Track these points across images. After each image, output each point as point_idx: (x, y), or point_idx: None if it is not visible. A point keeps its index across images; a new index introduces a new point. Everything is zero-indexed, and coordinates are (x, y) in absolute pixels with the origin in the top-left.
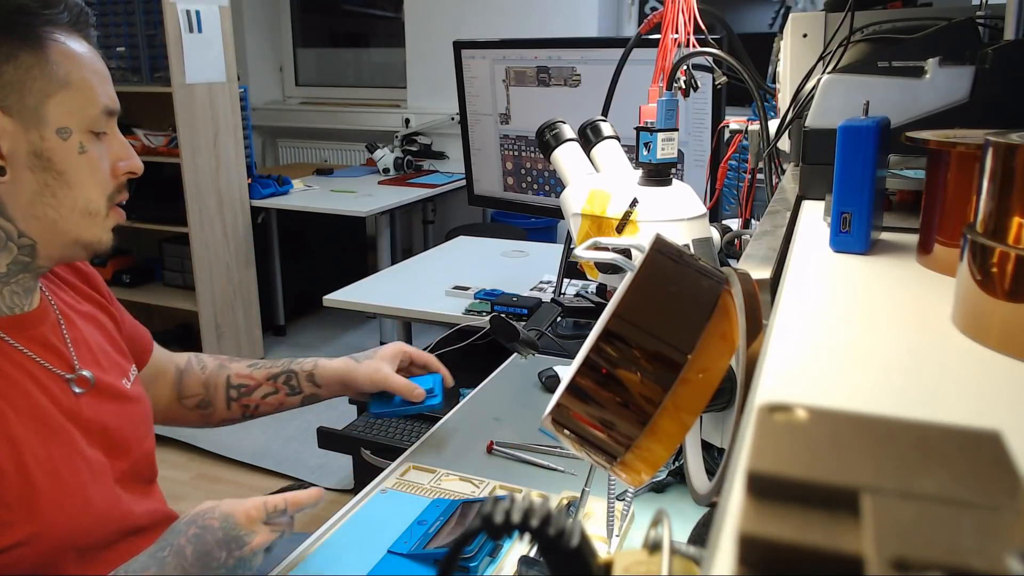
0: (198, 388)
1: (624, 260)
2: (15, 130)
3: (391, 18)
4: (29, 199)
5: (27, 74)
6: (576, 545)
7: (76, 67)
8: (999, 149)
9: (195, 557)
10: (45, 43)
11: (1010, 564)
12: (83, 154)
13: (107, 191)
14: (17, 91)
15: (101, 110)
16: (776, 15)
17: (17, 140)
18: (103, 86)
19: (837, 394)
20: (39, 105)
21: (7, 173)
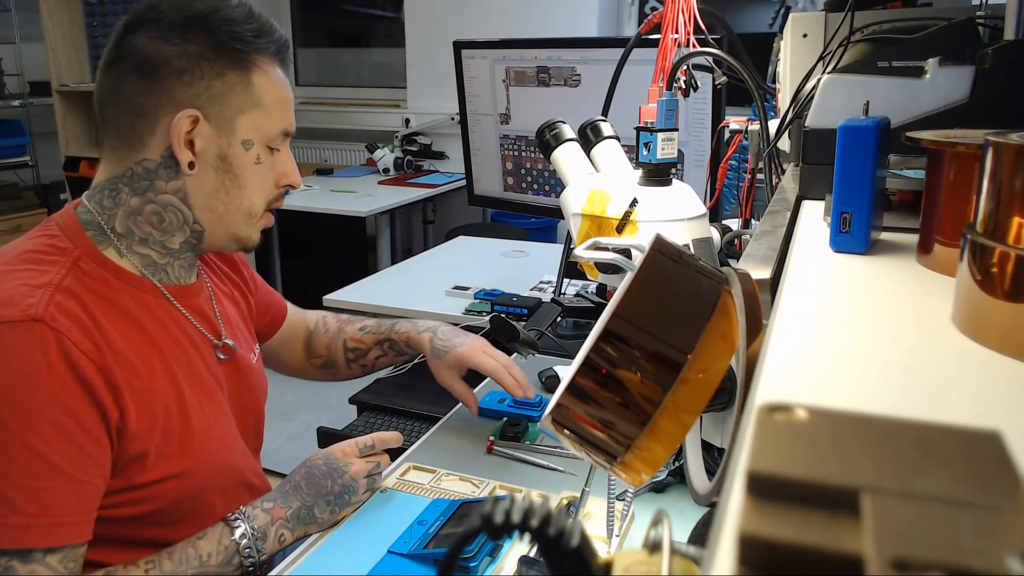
0: (323, 350)
1: (624, 260)
2: (210, 134)
3: (391, 18)
4: (207, 193)
5: (230, 91)
6: (576, 545)
7: (270, 92)
8: (999, 149)
9: (309, 488)
10: (250, 68)
11: (1010, 564)
12: (258, 164)
13: (268, 198)
14: (219, 103)
15: (280, 131)
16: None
17: (209, 143)
18: (287, 111)
19: (837, 394)
20: (233, 117)
21: (195, 168)
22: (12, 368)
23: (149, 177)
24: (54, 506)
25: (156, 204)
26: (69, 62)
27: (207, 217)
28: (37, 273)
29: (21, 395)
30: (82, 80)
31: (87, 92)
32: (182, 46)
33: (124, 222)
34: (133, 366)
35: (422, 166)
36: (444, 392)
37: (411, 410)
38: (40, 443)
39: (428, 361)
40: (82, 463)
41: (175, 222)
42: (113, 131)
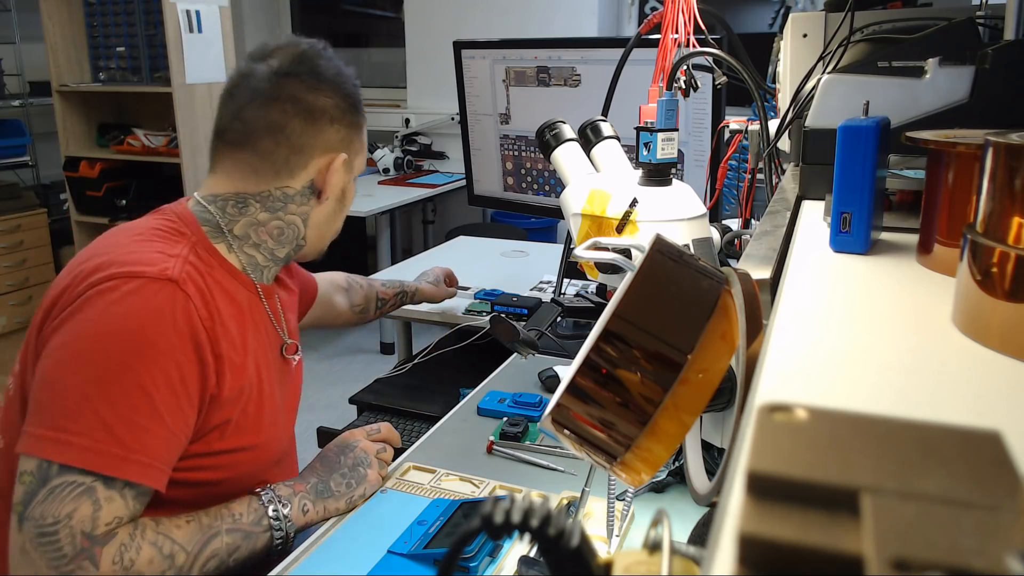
0: (360, 300)
1: (624, 260)
2: (343, 173)
3: (391, 18)
4: (324, 218)
5: (358, 138)
6: (576, 545)
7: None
8: (999, 149)
9: (323, 466)
10: (363, 121)
11: (1010, 564)
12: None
13: None
14: (352, 147)
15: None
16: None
17: (340, 179)
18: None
19: (837, 394)
20: (354, 159)
21: (323, 200)
22: (144, 315)
23: (285, 200)
24: (149, 447)
25: (282, 222)
26: (69, 62)
27: (313, 235)
28: (168, 245)
29: (147, 341)
30: (82, 80)
31: (87, 92)
32: (334, 101)
33: (245, 229)
34: (233, 341)
35: (422, 166)
36: (444, 392)
37: (411, 410)
38: (152, 387)
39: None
40: (178, 417)
41: (290, 236)
42: (259, 158)
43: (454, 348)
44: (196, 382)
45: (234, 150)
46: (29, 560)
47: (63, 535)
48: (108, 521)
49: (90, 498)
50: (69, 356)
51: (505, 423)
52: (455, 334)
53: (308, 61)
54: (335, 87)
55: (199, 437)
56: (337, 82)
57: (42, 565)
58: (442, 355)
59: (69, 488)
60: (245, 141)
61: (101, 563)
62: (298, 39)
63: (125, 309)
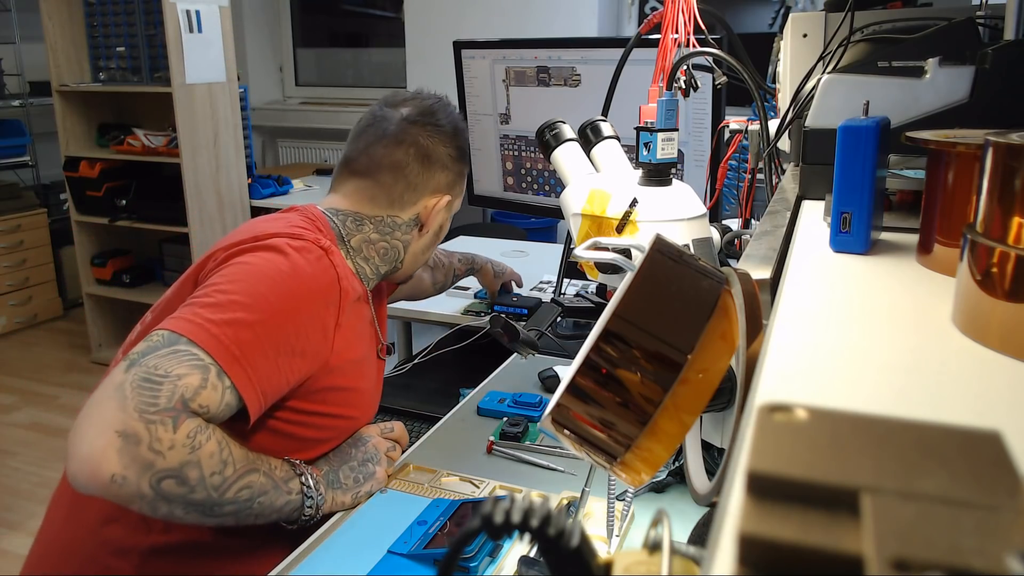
0: (442, 276)
1: (624, 260)
2: (444, 211)
3: (391, 18)
4: (421, 248)
5: (461, 183)
6: (576, 545)
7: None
8: (999, 149)
9: (335, 455)
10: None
11: (1010, 564)
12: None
13: None
14: (455, 190)
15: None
16: (776, 15)
17: (440, 217)
18: None
19: (837, 394)
20: (456, 201)
21: (424, 233)
22: (302, 267)
23: (393, 227)
24: (259, 367)
25: (388, 244)
26: (69, 62)
27: (409, 261)
28: (316, 232)
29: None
30: (82, 80)
31: (87, 92)
32: (448, 150)
33: (360, 243)
34: (351, 321)
35: None
36: (444, 392)
37: (411, 410)
38: (290, 325)
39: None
40: (293, 362)
41: (392, 258)
42: (379, 189)
43: (454, 348)
44: (320, 341)
45: (358, 178)
46: (120, 395)
47: (165, 388)
48: (203, 403)
49: (203, 374)
50: (227, 276)
51: (505, 423)
52: (455, 334)
53: (433, 114)
54: (451, 138)
55: (314, 395)
56: (454, 134)
57: (131, 404)
58: (442, 355)
59: (190, 357)
60: (368, 172)
61: (179, 429)
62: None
63: (287, 256)
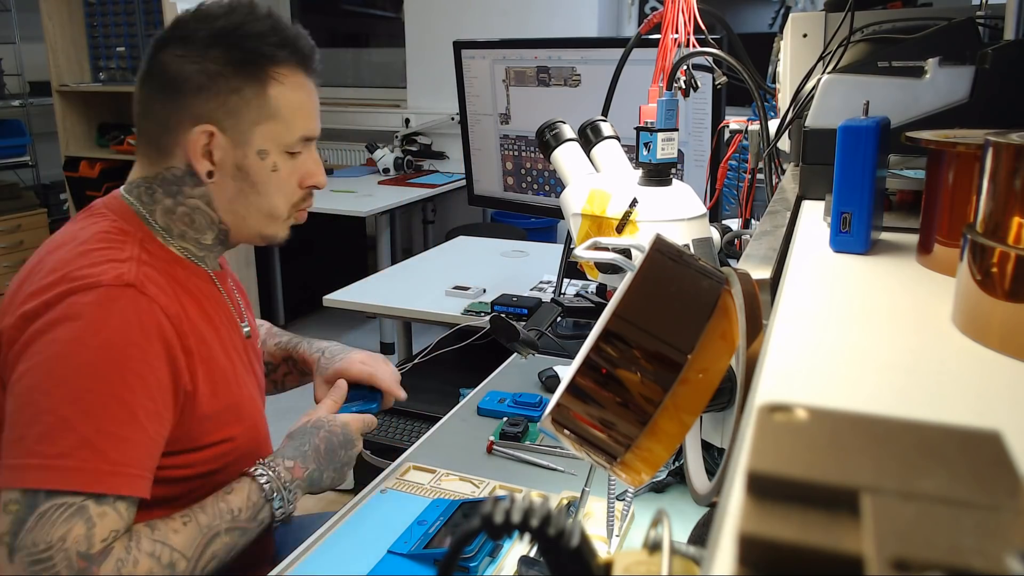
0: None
1: (624, 260)
2: (226, 146)
3: (391, 18)
4: (228, 199)
5: (246, 105)
6: (576, 545)
7: (288, 102)
8: (999, 149)
9: (326, 453)
10: (267, 81)
11: (1010, 564)
12: (274, 172)
13: (292, 200)
14: (234, 117)
15: (299, 138)
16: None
17: (226, 154)
18: (308, 118)
19: (837, 394)
20: (248, 130)
21: (215, 177)
22: (111, 324)
23: (177, 183)
24: (133, 458)
25: (186, 207)
26: (69, 62)
27: (231, 219)
28: (116, 250)
29: (116, 349)
30: (82, 80)
31: (87, 92)
32: (202, 64)
33: (163, 218)
34: (201, 334)
35: (422, 166)
36: (444, 392)
37: (411, 410)
38: (130, 396)
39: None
40: (157, 421)
41: (204, 222)
42: (145, 139)
43: (454, 348)
44: (169, 382)
45: (137, 135)
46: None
47: (58, 559)
48: (104, 537)
49: (82, 517)
50: (38, 380)
51: (505, 423)
52: (455, 334)
53: (181, 26)
54: (210, 46)
55: (185, 434)
56: (215, 41)
57: None
58: (442, 355)
59: (59, 511)
60: (137, 124)
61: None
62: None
63: (88, 322)
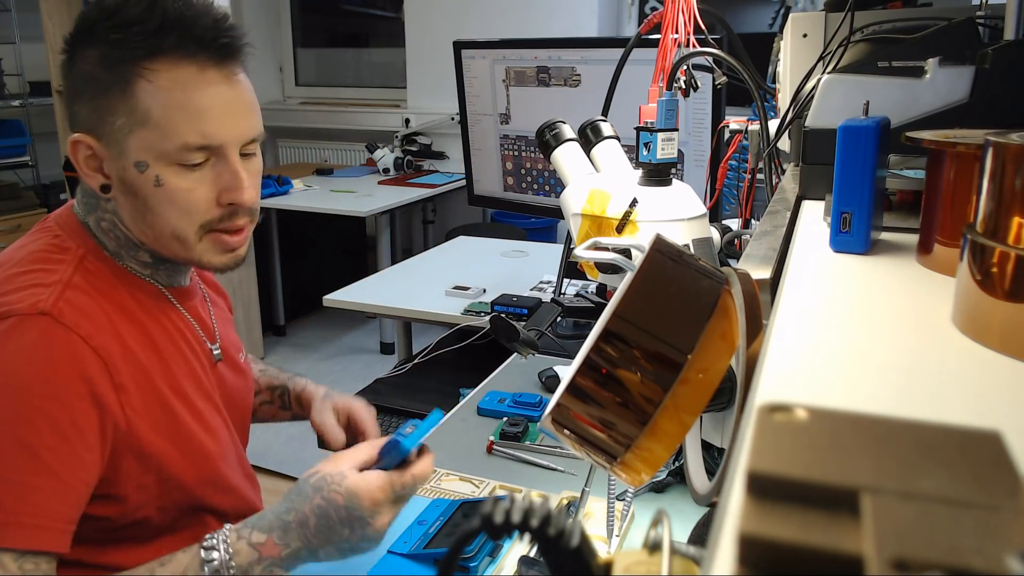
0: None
1: (624, 260)
2: (107, 156)
3: (391, 18)
4: (130, 216)
5: (111, 109)
6: (576, 545)
7: (161, 104)
8: (999, 149)
9: (317, 529)
10: (131, 79)
11: (1010, 564)
12: (159, 187)
13: (199, 220)
14: (106, 123)
15: (180, 146)
16: (776, 15)
17: (111, 166)
18: (192, 122)
19: (837, 394)
20: (121, 139)
21: (111, 191)
22: (16, 359)
23: (93, 195)
24: (36, 505)
25: (107, 222)
26: None
27: (144, 238)
28: (45, 272)
29: (20, 387)
30: None
31: None
32: (80, 65)
33: (97, 230)
34: (140, 364)
35: (422, 166)
36: (444, 392)
37: (411, 410)
38: (33, 438)
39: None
40: (73, 465)
41: (127, 241)
42: None
43: (454, 348)
44: (91, 422)
45: None
46: None
47: None
48: None
49: None
50: None
51: (505, 423)
52: (455, 334)
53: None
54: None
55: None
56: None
57: None
58: (442, 355)
59: None
60: None
61: None
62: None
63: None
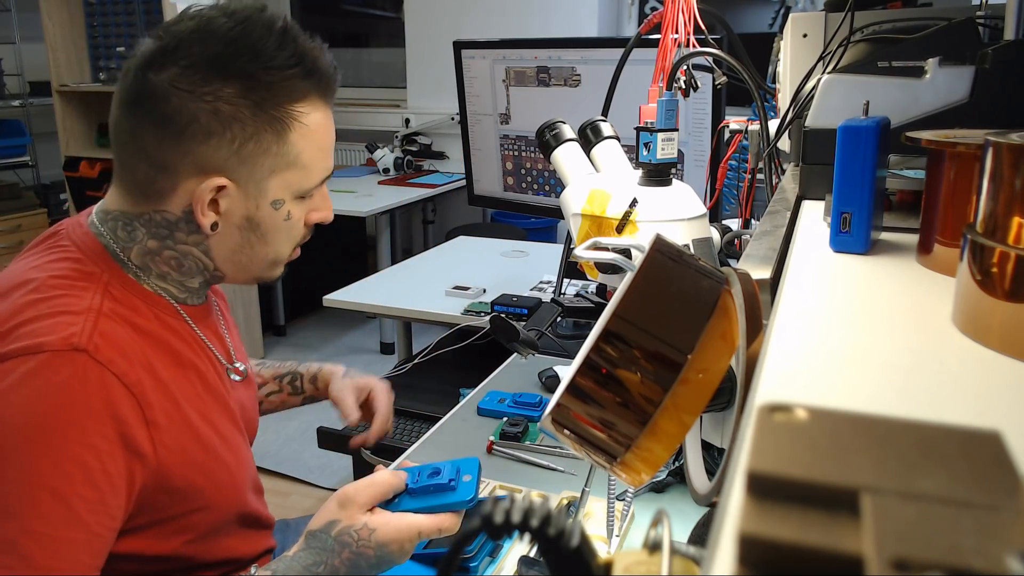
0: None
1: (624, 260)
2: (238, 197)
3: (391, 18)
4: (231, 249)
5: (263, 153)
6: (576, 545)
7: (310, 147)
8: (999, 149)
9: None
10: (289, 126)
11: (1010, 564)
12: (287, 221)
13: (296, 242)
14: (249, 165)
15: (316, 184)
16: (776, 15)
17: (236, 205)
18: (327, 158)
19: (837, 394)
20: (263, 180)
21: (219, 228)
22: (47, 402)
23: (169, 227)
24: (68, 559)
25: (176, 252)
26: (69, 62)
27: (229, 268)
28: (74, 297)
29: (53, 432)
30: (82, 80)
31: (87, 92)
32: (214, 104)
33: (142, 258)
34: (171, 394)
35: (422, 166)
36: (444, 392)
37: (411, 410)
38: (66, 487)
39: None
40: (101, 514)
41: (195, 268)
42: (130, 173)
43: (454, 348)
44: (119, 465)
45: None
46: None
47: None
48: None
49: None
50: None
51: (505, 423)
52: (455, 334)
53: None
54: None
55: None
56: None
57: None
58: (442, 355)
59: None
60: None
61: None
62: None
63: (24, 396)
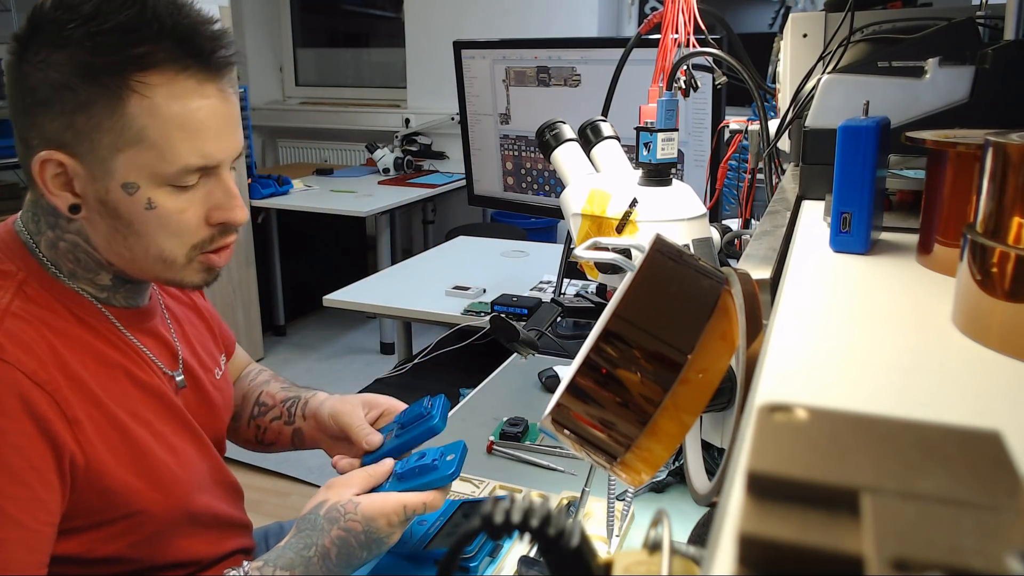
0: (238, 398)
1: (624, 260)
2: (85, 175)
3: (391, 18)
4: (104, 238)
5: (98, 126)
6: (576, 545)
7: (156, 123)
8: (999, 149)
9: (339, 558)
10: (125, 94)
11: (1010, 564)
12: (151, 210)
13: (190, 241)
14: (88, 140)
15: (180, 169)
16: (776, 15)
17: (86, 185)
18: (194, 141)
19: (837, 394)
20: (107, 158)
21: (82, 212)
22: None
23: (55, 214)
24: (6, 560)
25: (66, 242)
26: None
27: (117, 260)
28: None
29: None
30: None
31: None
32: (46, 72)
33: (49, 251)
34: (92, 394)
35: (422, 166)
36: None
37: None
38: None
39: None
40: (34, 509)
41: (90, 263)
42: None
43: (454, 348)
44: (47, 461)
45: None
46: None
47: None
48: None
49: None
50: None
51: (505, 423)
52: (455, 334)
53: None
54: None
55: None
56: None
57: None
58: (442, 355)
59: None
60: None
61: None
62: None
63: None
